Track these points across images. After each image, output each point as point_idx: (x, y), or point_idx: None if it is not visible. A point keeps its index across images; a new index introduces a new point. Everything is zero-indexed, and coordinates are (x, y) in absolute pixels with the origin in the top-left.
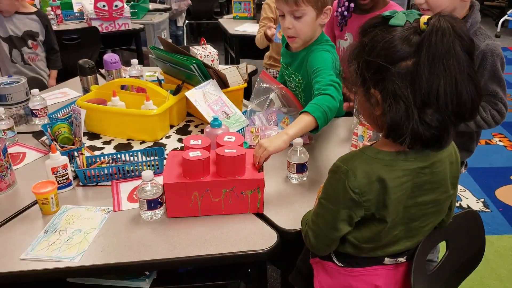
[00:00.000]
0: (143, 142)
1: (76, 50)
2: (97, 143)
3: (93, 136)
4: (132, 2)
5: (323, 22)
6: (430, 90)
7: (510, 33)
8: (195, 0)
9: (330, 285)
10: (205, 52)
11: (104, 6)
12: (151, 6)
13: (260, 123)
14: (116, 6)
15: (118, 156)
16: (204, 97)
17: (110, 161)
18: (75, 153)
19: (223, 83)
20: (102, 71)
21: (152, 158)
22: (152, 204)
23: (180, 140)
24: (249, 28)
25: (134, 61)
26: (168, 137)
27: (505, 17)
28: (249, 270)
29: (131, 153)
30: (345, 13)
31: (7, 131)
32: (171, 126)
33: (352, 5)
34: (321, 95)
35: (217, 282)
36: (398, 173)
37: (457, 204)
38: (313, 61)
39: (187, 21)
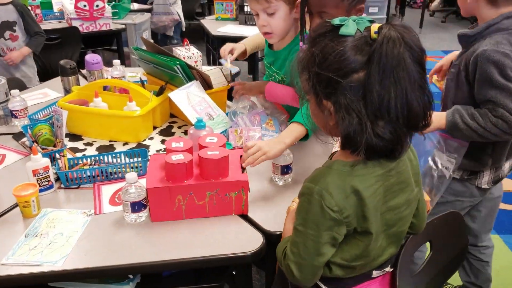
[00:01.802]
0: (125, 143)
1: (56, 50)
2: (79, 144)
3: (75, 137)
4: (113, 2)
5: (298, 15)
6: (381, 103)
7: None
8: None
9: None
10: (188, 53)
11: (85, 6)
12: (133, 6)
13: (243, 124)
14: (97, 6)
15: (101, 158)
16: (188, 98)
17: (93, 163)
18: (57, 155)
19: (206, 84)
20: (84, 71)
21: (135, 159)
22: (136, 207)
23: (163, 142)
24: (231, 29)
25: (116, 61)
26: (151, 138)
27: None
28: (233, 273)
29: (114, 155)
30: None
31: None
32: (154, 128)
33: None
34: None
35: (202, 285)
36: (370, 180)
37: None
38: None
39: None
